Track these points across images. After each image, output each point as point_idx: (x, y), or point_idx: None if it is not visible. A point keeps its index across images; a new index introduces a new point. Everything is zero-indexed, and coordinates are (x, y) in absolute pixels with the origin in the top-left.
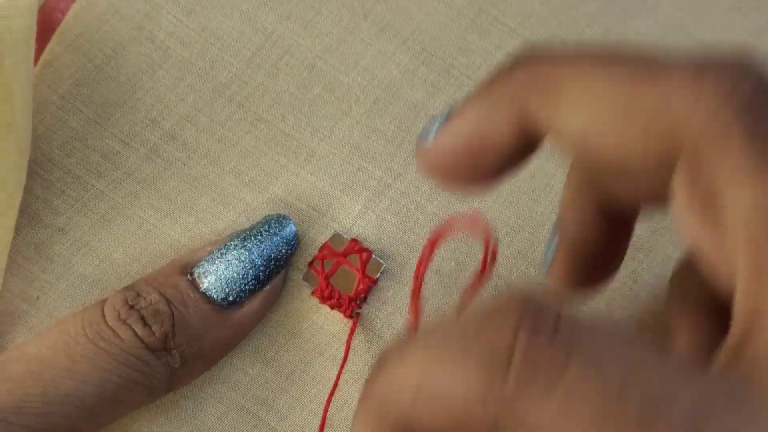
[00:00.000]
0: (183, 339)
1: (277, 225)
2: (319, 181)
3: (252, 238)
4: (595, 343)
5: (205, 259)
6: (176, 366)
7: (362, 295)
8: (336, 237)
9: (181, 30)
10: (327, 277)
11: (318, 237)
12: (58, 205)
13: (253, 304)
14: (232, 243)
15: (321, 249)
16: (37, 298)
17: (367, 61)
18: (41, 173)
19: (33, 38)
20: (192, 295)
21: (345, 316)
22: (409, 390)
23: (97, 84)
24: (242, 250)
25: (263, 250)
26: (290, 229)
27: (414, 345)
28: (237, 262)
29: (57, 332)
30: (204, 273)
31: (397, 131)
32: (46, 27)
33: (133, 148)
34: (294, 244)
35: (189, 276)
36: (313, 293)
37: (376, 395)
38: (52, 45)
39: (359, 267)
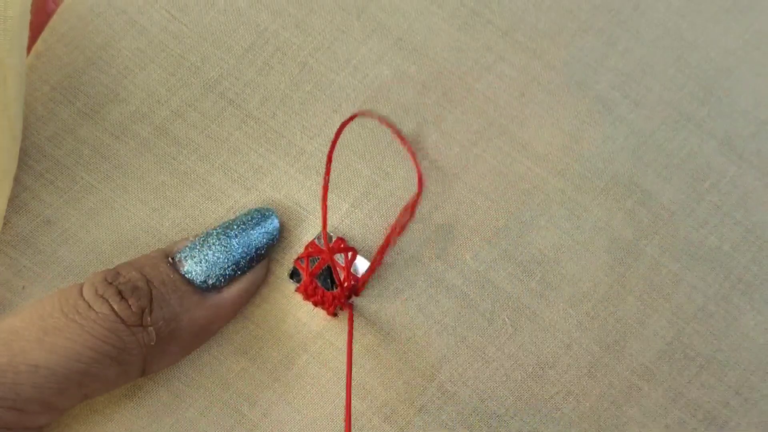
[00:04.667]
0: (159, 315)
1: (260, 217)
2: (308, 179)
3: (234, 227)
4: None
5: (187, 245)
6: (151, 343)
7: (347, 293)
8: (322, 235)
9: (173, 25)
10: (312, 275)
11: (304, 235)
12: (47, 196)
13: (232, 290)
14: (215, 230)
15: (307, 247)
16: (23, 288)
17: (359, 60)
18: (31, 164)
19: (27, 25)
20: (171, 276)
21: (328, 314)
22: None
23: (88, 76)
24: (223, 237)
25: (244, 237)
26: (272, 221)
27: None
28: (218, 246)
29: (33, 307)
30: (185, 257)
31: (386, 131)
32: (38, 16)
33: (124, 141)
34: (275, 235)
35: (170, 260)
36: (297, 290)
37: None
38: (44, 36)
39: (345, 265)
